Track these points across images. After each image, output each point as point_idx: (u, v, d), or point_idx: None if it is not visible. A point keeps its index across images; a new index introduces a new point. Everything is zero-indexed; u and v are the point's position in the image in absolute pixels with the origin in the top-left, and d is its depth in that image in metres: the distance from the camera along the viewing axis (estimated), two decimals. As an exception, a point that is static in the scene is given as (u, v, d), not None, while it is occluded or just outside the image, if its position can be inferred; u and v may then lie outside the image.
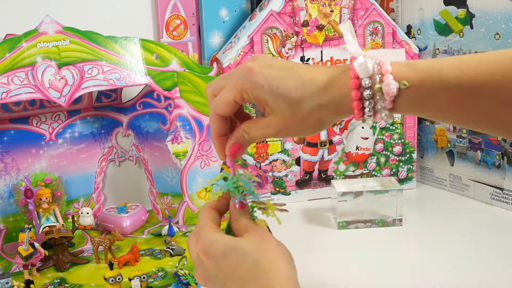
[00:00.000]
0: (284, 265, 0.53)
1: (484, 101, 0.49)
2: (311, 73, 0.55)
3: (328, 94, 0.54)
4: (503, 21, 1.00)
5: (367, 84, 0.52)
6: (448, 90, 0.50)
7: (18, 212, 0.98)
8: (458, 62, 0.50)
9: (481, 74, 0.49)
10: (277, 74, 0.55)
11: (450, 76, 0.50)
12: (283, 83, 0.54)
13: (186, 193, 1.02)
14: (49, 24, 0.89)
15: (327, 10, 1.09)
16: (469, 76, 0.49)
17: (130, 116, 1.09)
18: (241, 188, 0.59)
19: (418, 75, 0.51)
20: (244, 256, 0.54)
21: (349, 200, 1.00)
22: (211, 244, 0.56)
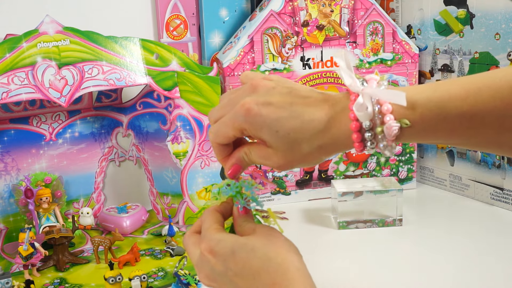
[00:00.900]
0: (296, 260, 0.53)
1: (487, 128, 0.49)
2: (310, 111, 0.54)
3: (327, 135, 0.53)
4: (503, 21, 1.00)
5: (368, 126, 0.52)
6: (450, 121, 0.49)
7: (18, 212, 0.98)
8: (456, 89, 0.49)
9: (481, 101, 0.48)
10: (276, 115, 0.54)
11: (451, 107, 0.49)
12: (282, 126, 0.54)
13: (186, 193, 1.02)
14: (49, 24, 0.89)
15: (327, 10, 1.09)
16: (470, 105, 0.48)
17: (130, 116, 1.09)
18: (244, 194, 0.59)
19: (418, 110, 0.50)
20: (254, 251, 0.54)
21: (349, 200, 1.00)
22: (218, 243, 0.56)
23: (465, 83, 0.50)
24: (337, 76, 1.12)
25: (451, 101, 0.49)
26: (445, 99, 0.49)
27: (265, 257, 0.53)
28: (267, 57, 1.08)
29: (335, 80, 1.12)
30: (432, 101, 0.50)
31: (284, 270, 0.52)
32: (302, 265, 0.54)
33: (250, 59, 1.08)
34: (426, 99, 0.50)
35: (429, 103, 0.50)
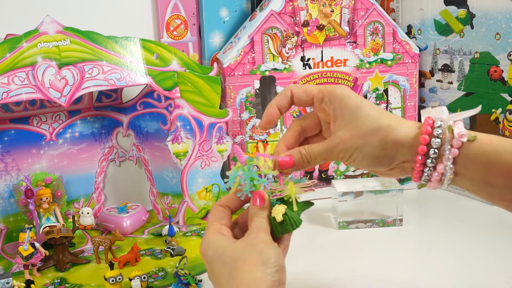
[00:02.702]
0: (258, 279, 0.51)
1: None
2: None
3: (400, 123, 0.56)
4: (504, 21, 1.00)
5: (439, 124, 0.53)
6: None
7: (18, 212, 0.98)
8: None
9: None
10: (365, 99, 0.59)
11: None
12: (366, 101, 0.58)
13: (186, 193, 1.02)
14: (50, 24, 0.89)
15: (327, 10, 1.09)
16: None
17: (130, 116, 1.09)
18: (246, 179, 0.58)
19: (487, 135, 0.53)
20: (224, 267, 0.54)
21: (349, 200, 1.00)
22: (206, 249, 0.56)
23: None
24: (337, 76, 1.12)
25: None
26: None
27: (229, 276, 0.53)
28: (267, 57, 1.08)
29: (335, 80, 1.12)
30: (501, 137, 0.53)
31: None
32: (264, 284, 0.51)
33: (250, 59, 1.08)
34: (496, 135, 0.53)
35: (500, 137, 0.53)
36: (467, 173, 0.54)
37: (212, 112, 1.01)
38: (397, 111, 1.16)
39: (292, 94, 0.62)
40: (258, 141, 1.11)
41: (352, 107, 0.58)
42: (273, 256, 0.53)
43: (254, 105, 1.10)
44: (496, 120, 1.05)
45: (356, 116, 0.57)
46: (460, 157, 0.53)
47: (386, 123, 0.56)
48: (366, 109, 0.57)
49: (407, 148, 0.55)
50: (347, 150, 0.57)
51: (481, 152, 0.52)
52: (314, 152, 0.59)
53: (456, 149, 0.53)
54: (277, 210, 0.57)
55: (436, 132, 0.53)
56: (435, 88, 1.16)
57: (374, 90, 1.14)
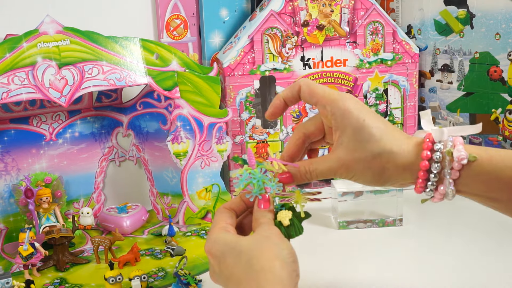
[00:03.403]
0: (278, 266, 0.52)
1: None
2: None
3: (402, 147, 0.56)
4: (504, 21, 1.00)
5: (439, 148, 0.53)
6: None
7: (18, 212, 0.98)
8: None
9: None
10: (370, 112, 0.58)
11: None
12: (370, 117, 0.57)
13: (186, 193, 1.02)
14: (50, 24, 0.89)
15: (327, 10, 1.09)
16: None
17: (130, 116, 1.09)
18: (256, 182, 0.58)
19: (487, 152, 0.53)
20: (240, 256, 0.54)
21: (349, 200, 1.00)
22: (214, 244, 0.56)
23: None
24: (337, 76, 1.12)
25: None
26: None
27: (246, 264, 0.53)
28: (267, 57, 1.08)
29: (335, 80, 1.12)
30: (502, 151, 0.53)
31: (261, 278, 0.52)
32: (284, 272, 0.52)
33: (250, 59, 1.08)
34: (498, 149, 0.54)
35: (499, 151, 0.53)
36: (469, 191, 0.55)
37: (212, 112, 1.01)
38: (397, 111, 1.16)
39: (299, 89, 0.62)
40: (258, 141, 1.11)
41: (354, 125, 0.57)
42: (289, 248, 0.55)
43: (254, 105, 1.10)
44: (496, 120, 1.05)
45: (359, 138, 0.57)
46: (462, 178, 0.54)
47: (388, 148, 0.56)
48: (368, 129, 0.57)
49: (408, 172, 0.56)
50: (349, 173, 0.59)
51: (482, 171, 0.53)
52: (316, 171, 0.60)
53: (456, 171, 0.53)
54: (283, 215, 0.59)
55: (435, 157, 0.54)
56: (435, 88, 1.16)
57: (374, 90, 1.14)
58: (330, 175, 0.60)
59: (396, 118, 1.16)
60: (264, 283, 0.51)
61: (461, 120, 1.12)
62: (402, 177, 0.57)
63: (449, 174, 0.54)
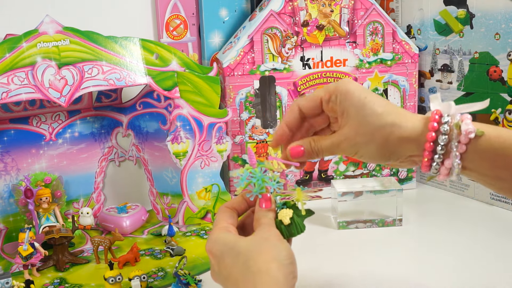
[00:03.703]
0: (275, 268, 0.52)
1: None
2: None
3: (406, 119, 0.56)
4: (503, 21, 1.00)
5: (446, 120, 0.53)
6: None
7: (18, 212, 0.98)
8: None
9: None
10: (371, 92, 0.58)
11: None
12: (371, 95, 0.58)
13: (186, 193, 1.02)
14: (49, 24, 0.89)
15: (327, 10, 1.09)
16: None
17: (130, 116, 1.09)
18: (256, 181, 0.58)
19: (496, 130, 0.53)
20: (238, 257, 0.54)
21: (349, 200, 1.00)
22: (214, 244, 0.56)
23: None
24: (337, 76, 1.12)
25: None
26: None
27: (244, 265, 0.53)
28: (267, 57, 1.08)
29: (335, 80, 1.12)
30: (510, 131, 0.53)
31: (257, 280, 0.52)
32: (280, 274, 0.52)
33: (250, 59, 1.08)
34: (505, 129, 0.53)
35: (508, 130, 0.53)
36: (475, 168, 0.54)
37: (211, 112, 1.01)
38: (397, 111, 1.16)
39: (299, 107, 0.62)
40: (258, 141, 1.11)
41: (356, 104, 0.58)
42: (287, 249, 0.55)
43: (254, 105, 1.10)
44: (496, 120, 1.05)
45: (361, 113, 0.57)
46: (468, 153, 0.53)
47: (390, 121, 0.56)
48: (370, 105, 0.57)
49: (413, 144, 0.56)
50: (352, 147, 0.58)
51: (489, 147, 0.52)
52: (321, 146, 0.60)
53: (463, 145, 0.53)
54: (284, 213, 0.59)
55: (443, 129, 0.53)
56: (434, 88, 1.16)
57: (374, 90, 1.14)
58: (334, 149, 0.59)
59: (395, 118, 1.16)
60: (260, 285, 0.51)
61: (460, 120, 1.12)
62: (407, 148, 0.56)
63: (456, 147, 0.53)
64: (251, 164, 0.60)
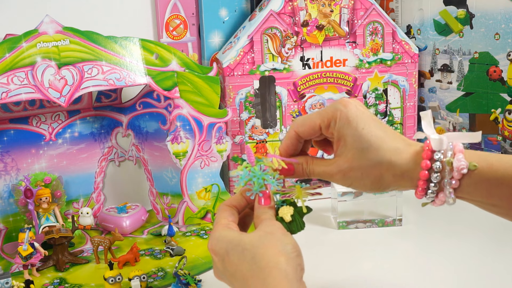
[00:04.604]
0: (283, 262, 0.52)
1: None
2: (396, 136, 0.58)
3: (401, 156, 0.55)
4: (503, 21, 1.01)
5: (439, 157, 0.53)
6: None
7: (18, 212, 0.98)
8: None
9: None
10: (370, 120, 0.57)
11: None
12: (369, 125, 0.57)
13: (186, 193, 1.02)
14: (49, 24, 0.89)
15: (327, 10, 1.09)
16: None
17: (130, 116, 1.09)
18: (256, 179, 0.58)
19: (488, 159, 0.53)
20: (244, 253, 0.54)
21: (349, 200, 1.00)
22: (217, 242, 0.56)
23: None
24: (336, 76, 1.12)
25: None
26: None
27: (252, 261, 0.53)
28: (267, 57, 1.08)
29: (335, 80, 1.12)
30: (504, 158, 0.53)
31: (266, 274, 0.52)
32: (290, 267, 0.52)
33: (250, 59, 1.08)
34: (497, 155, 0.53)
35: (500, 158, 0.53)
36: (470, 197, 0.55)
37: (211, 112, 1.01)
38: (397, 111, 1.16)
39: (297, 134, 0.61)
40: (258, 141, 1.11)
41: (353, 134, 0.57)
42: (292, 242, 0.55)
43: (254, 105, 1.10)
44: (496, 120, 1.05)
45: (358, 146, 0.57)
46: (462, 186, 0.54)
47: (387, 158, 0.56)
48: (367, 137, 0.56)
49: (407, 181, 0.56)
50: (346, 180, 0.58)
51: (482, 178, 0.53)
52: (313, 170, 0.60)
53: (457, 181, 0.53)
54: (285, 211, 0.58)
55: (435, 167, 0.54)
56: (434, 88, 1.16)
57: (374, 90, 1.14)
58: (326, 177, 0.59)
59: (395, 118, 1.16)
60: (270, 279, 0.51)
61: (460, 120, 1.12)
62: (401, 184, 0.56)
63: (449, 184, 0.53)
64: (249, 162, 0.60)
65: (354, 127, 0.57)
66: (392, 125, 1.16)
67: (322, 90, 1.12)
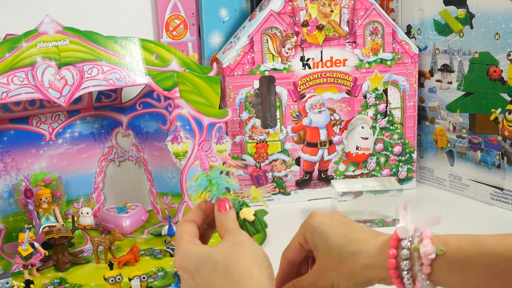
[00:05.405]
0: (257, 272, 0.52)
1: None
2: (360, 231, 0.59)
3: (365, 246, 0.57)
4: (503, 21, 1.00)
5: (406, 245, 0.53)
6: (487, 257, 0.51)
7: (18, 212, 0.98)
8: (497, 235, 0.52)
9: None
10: (334, 223, 0.60)
11: (488, 243, 0.51)
12: (332, 227, 0.59)
13: (186, 193, 1.02)
14: (49, 24, 0.89)
15: (327, 10, 1.09)
16: (509, 245, 0.51)
17: (130, 116, 1.09)
18: (213, 184, 0.58)
19: (456, 241, 0.54)
20: (215, 266, 0.53)
21: (349, 200, 1.00)
22: (184, 258, 0.55)
23: (507, 234, 0.53)
24: (336, 76, 1.12)
25: (489, 239, 0.52)
26: (484, 238, 0.53)
27: (224, 273, 0.52)
28: (267, 57, 1.08)
29: (335, 80, 1.12)
30: (472, 237, 0.53)
31: (239, 286, 0.51)
32: (263, 277, 0.52)
33: (250, 59, 1.08)
34: (466, 235, 0.54)
35: (468, 238, 0.54)
36: (447, 281, 0.54)
37: (211, 112, 1.01)
38: (397, 111, 1.16)
39: (287, 259, 0.63)
40: (258, 141, 1.11)
41: (320, 239, 0.59)
42: (262, 252, 0.55)
43: (254, 105, 1.10)
44: (496, 120, 1.05)
45: (325, 248, 0.59)
46: (435, 272, 0.53)
47: (351, 250, 0.57)
48: (330, 239, 0.59)
49: (379, 270, 0.56)
50: (327, 281, 0.59)
51: (454, 260, 0.53)
52: (302, 286, 0.62)
53: (427, 267, 0.53)
54: (246, 211, 0.59)
55: (403, 255, 0.54)
56: (434, 88, 1.16)
57: (374, 90, 1.14)
58: (313, 287, 0.61)
59: (395, 118, 1.16)
60: None
61: (460, 120, 1.12)
62: (375, 274, 0.57)
63: (420, 270, 0.53)
64: (203, 169, 0.60)
65: (319, 232, 0.59)
66: (392, 125, 1.16)
67: (322, 90, 1.12)
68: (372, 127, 1.15)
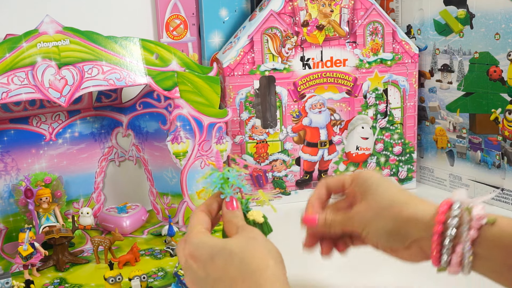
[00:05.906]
0: (272, 264, 0.53)
1: None
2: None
3: (418, 201, 0.58)
4: (503, 21, 1.00)
5: (458, 206, 0.54)
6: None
7: (18, 212, 0.99)
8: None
9: None
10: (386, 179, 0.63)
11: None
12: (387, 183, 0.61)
13: (186, 193, 1.02)
14: (49, 24, 0.89)
15: (327, 10, 1.09)
16: None
17: (130, 116, 1.09)
18: (229, 183, 0.59)
19: (506, 219, 0.52)
20: (232, 256, 0.54)
21: (349, 200, 1.00)
22: (197, 248, 0.56)
23: None
24: (336, 76, 1.12)
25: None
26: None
27: (241, 264, 0.53)
28: (267, 57, 1.08)
29: (335, 80, 1.12)
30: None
31: (258, 276, 0.52)
32: (279, 270, 0.53)
33: (250, 59, 1.08)
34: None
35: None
36: (487, 255, 0.52)
37: (211, 112, 1.01)
38: (397, 111, 1.16)
39: (327, 185, 0.67)
40: (258, 141, 1.11)
41: (372, 184, 0.61)
42: (275, 248, 0.56)
43: (254, 105, 1.10)
44: (496, 120, 1.05)
45: (374, 192, 0.60)
46: (479, 239, 0.52)
47: (402, 200, 0.58)
48: (384, 186, 0.60)
49: (422, 226, 0.55)
50: (361, 222, 0.61)
51: (501, 235, 0.52)
52: (335, 219, 0.63)
53: (475, 230, 0.52)
54: (255, 213, 0.60)
55: (453, 213, 0.53)
56: (434, 88, 1.16)
57: (374, 90, 1.14)
58: (346, 222, 0.62)
59: (395, 118, 1.16)
60: (262, 281, 0.51)
61: (460, 120, 1.12)
62: (415, 229, 0.56)
63: (466, 232, 0.52)
64: (217, 167, 0.61)
65: (374, 180, 0.62)
66: (392, 125, 1.16)
67: (322, 90, 1.12)
68: (372, 127, 1.15)
